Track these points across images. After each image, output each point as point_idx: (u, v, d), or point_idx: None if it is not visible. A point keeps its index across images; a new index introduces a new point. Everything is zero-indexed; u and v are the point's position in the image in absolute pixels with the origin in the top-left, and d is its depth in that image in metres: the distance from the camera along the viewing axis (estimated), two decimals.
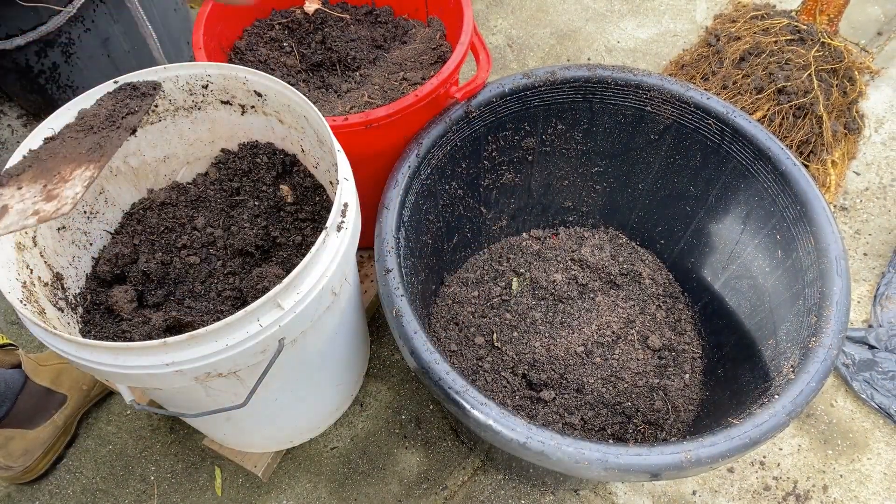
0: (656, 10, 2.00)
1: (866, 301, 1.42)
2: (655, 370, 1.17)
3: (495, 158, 1.21)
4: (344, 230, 0.79)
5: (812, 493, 1.20)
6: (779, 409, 0.80)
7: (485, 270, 1.31)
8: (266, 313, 0.72)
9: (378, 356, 1.36)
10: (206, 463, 1.24)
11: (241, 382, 0.82)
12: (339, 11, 1.25)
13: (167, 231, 1.01)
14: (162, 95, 0.93)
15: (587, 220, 1.37)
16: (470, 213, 1.26)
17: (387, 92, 1.11)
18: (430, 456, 1.25)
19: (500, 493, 1.21)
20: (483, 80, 1.08)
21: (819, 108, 1.38)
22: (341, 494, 1.21)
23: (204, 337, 0.69)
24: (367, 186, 1.00)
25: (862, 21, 1.94)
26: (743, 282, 1.14)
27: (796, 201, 1.00)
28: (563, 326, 1.20)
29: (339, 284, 0.82)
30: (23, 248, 0.82)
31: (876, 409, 1.27)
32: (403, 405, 1.30)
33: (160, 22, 1.42)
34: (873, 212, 1.55)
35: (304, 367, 0.95)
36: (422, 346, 0.85)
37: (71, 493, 1.22)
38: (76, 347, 0.70)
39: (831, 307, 0.89)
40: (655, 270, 1.31)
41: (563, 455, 0.76)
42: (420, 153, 1.05)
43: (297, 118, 0.94)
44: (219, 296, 0.96)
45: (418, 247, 1.10)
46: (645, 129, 1.18)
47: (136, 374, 0.70)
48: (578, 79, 1.13)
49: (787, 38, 1.42)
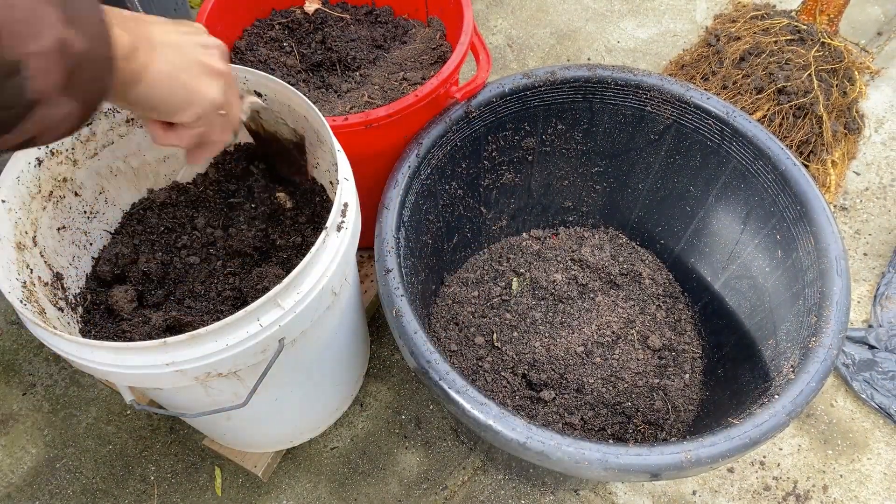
0: (656, 10, 2.01)
1: (866, 301, 1.42)
2: (655, 370, 1.17)
3: (495, 158, 1.21)
4: (344, 230, 0.79)
5: (812, 493, 1.20)
6: (779, 409, 0.80)
7: (485, 270, 1.31)
8: (266, 313, 0.72)
9: (378, 356, 1.36)
10: (206, 463, 1.24)
11: (241, 382, 0.82)
12: (339, 11, 1.25)
13: (167, 231, 1.01)
14: None
15: (587, 220, 1.37)
16: (470, 213, 1.26)
17: (387, 92, 1.11)
18: (430, 456, 1.25)
19: (500, 493, 1.21)
20: (483, 80, 1.08)
21: (819, 108, 1.38)
22: (341, 494, 1.21)
23: (204, 337, 0.69)
24: (367, 186, 1.00)
25: (862, 21, 1.94)
26: (743, 282, 1.14)
27: (796, 201, 1.00)
28: (563, 326, 1.20)
29: (339, 284, 0.82)
30: (23, 248, 0.82)
31: (876, 409, 1.27)
32: (403, 405, 1.30)
33: None
34: (873, 212, 1.55)
35: (305, 366, 0.95)
36: (422, 346, 0.85)
37: (71, 493, 1.22)
38: (76, 347, 0.70)
39: (831, 307, 0.89)
40: (655, 270, 1.31)
41: (563, 455, 0.76)
42: (420, 153, 1.05)
43: (297, 118, 0.94)
44: (218, 296, 0.96)
45: (418, 247, 1.10)
46: (645, 129, 1.18)
47: (136, 374, 0.70)
48: (578, 79, 1.13)
49: (787, 38, 1.42)
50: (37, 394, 1.33)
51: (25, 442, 1.28)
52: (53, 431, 1.28)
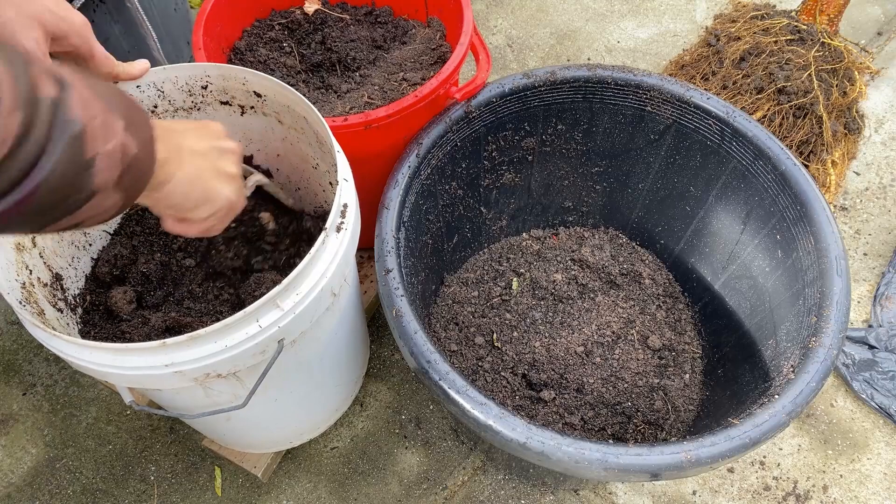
0: (656, 10, 2.00)
1: (866, 301, 1.42)
2: (655, 370, 1.17)
3: (495, 158, 1.21)
4: (343, 231, 0.79)
5: (812, 493, 1.20)
6: (779, 409, 0.80)
7: (485, 270, 1.31)
8: (265, 314, 0.72)
9: (378, 356, 1.36)
10: (205, 463, 1.24)
11: (240, 383, 0.82)
12: (339, 12, 1.25)
13: (165, 232, 1.01)
14: (161, 96, 0.93)
15: (587, 220, 1.37)
16: (470, 213, 1.26)
17: (387, 92, 1.11)
18: (430, 456, 1.25)
19: (500, 493, 1.21)
20: (483, 80, 1.08)
21: (819, 108, 1.38)
22: (341, 494, 1.21)
23: (203, 338, 0.69)
24: (367, 187, 1.00)
25: (862, 21, 1.94)
26: (743, 282, 1.14)
27: (796, 201, 1.00)
28: (563, 326, 1.20)
29: (338, 285, 0.82)
30: (22, 249, 0.82)
31: (876, 409, 1.27)
32: (403, 405, 1.30)
33: (160, 22, 1.42)
34: (873, 212, 1.55)
35: (304, 367, 0.95)
36: (422, 346, 0.85)
37: (71, 493, 1.22)
38: (76, 348, 0.70)
39: (831, 307, 0.89)
40: (655, 270, 1.31)
41: (564, 455, 0.76)
42: (420, 153, 1.05)
43: (296, 119, 0.94)
44: (216, 298, 0.96)
45: (418, 247, 1.10)
46: (645, 129, 1.18)
47: (135, 375, 0.70)
48: (578, 79, 1.13)
49: (787, 38, 1.42)
50: (37, 394, 1.33)
51: (25, 442, 1.28)
52: (53, 431, 1.28)
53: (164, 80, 0.91)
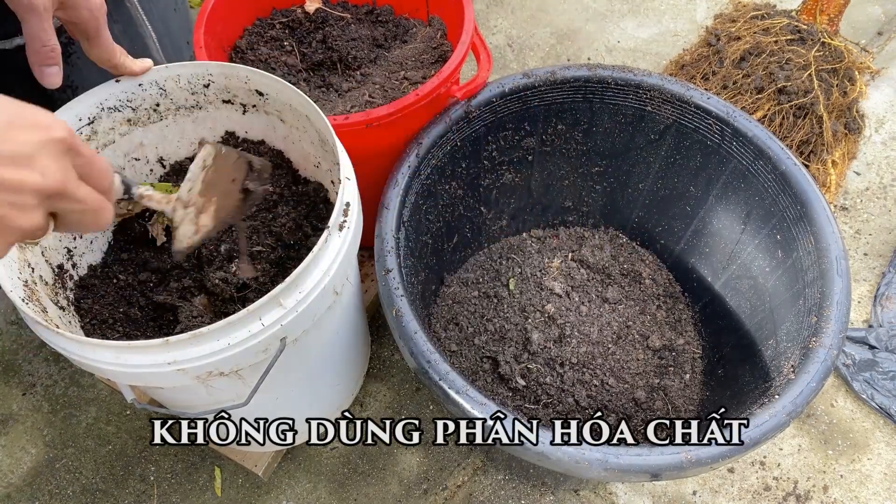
0: (656, 9, 2.01)
1: (866, 301, 1.42)
2: (655, 370, 1.18)
3: (495, 158, 1.21)
4: (346, 229, 0.79)
5: (812, 493, 1.20)
6: (779, 410, 0.80)
7: (485, 270, 1.31)
8: (268, 312, 0.72)
9: (378, 356, 1.36)
10: (206, 463, 1.24)
11: (242, 381, 0.82)
12: (340, 10, 1.25)
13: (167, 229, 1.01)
14: (164, 94, 0.93)
15: (587, 220, 1.37)
16: (470, 213, 1.26)
17: (387, 91, 1.11)
18: (430, 456, 1.25)
19: (500, 493, 1.21)
20: (483, 79, 1.08)
21: (819, 108, 1.38)
22: (341, 494, 1.21)
23: (206, 336, 0.69)
24: (368, 186, 1.00)
25: (862, 21, 1.94)
26: (743, 282, 1.14)
27: (796, 201, 1.00)
28: (562, 327, 1.20)
29: (340, 284, 0.82)
30: (24, 247, 0.82)
31: (876, 410, 1.27)
32: (403, 405, 1.30)
33: (160, 21, 1.41)
34: (874, 212, 1.55)
35: (306, 366, 0.95)
36: (422, 346, 0.85)
37: (71, 494, 1.22)
38: (78, 346, 0.70)
39: (832, 307, 0.89)
40: (655, 270, 1.31)
41: (563, 455, 0.76)
42: (420, 153, 1.05)
43: (298, 117, 0.94)
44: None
45: (418, 247, 1.10)
46: (645, 129, 1.18)
47: (137, 373, 0.70)
48: (578, 79, 1.13)
49: (787, 38, 1.42)
50: (37, 394, 1.33)
51: (25, 442, 1.27)
52: (53, 431, 1.28)
53: (166, 78, 0.91)
